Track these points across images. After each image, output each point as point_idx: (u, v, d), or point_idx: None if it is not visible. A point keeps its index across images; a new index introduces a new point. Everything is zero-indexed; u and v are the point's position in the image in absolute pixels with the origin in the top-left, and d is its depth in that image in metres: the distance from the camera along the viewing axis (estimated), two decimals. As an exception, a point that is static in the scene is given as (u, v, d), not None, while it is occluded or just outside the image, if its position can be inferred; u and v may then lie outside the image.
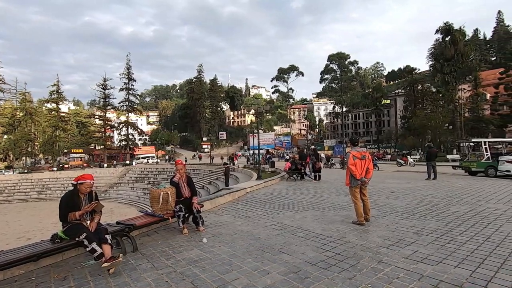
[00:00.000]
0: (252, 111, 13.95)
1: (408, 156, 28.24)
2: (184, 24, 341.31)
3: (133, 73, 58.54)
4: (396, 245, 3.97)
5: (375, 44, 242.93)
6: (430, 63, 42.94)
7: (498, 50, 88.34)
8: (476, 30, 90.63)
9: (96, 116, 62.23)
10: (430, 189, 9.27)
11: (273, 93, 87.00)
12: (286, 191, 9.44)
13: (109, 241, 3.44)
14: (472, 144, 17.02)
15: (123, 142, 59.19)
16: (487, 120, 43.86)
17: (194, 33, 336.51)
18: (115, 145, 65.99)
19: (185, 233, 4.69)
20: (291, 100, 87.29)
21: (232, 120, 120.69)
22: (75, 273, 3.37)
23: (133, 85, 58.57)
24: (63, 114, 59.84)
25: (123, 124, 58.71)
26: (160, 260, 3.70)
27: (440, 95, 44.54)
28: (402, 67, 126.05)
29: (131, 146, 60.37)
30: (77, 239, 3.33)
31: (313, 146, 15.92)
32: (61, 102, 58.70)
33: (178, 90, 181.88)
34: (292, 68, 79.16)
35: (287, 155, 44.24)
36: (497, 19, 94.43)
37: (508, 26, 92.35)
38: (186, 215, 4.87)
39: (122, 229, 3.96)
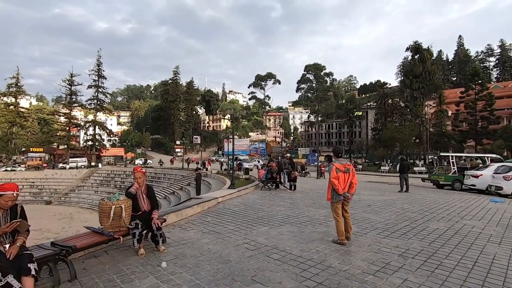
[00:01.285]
0: (228, 115, 13.38)
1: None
2: (162, 24, 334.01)
3: (103, 70, 55.52)
4: (382, 271, 3.53)
5: (348, 57, 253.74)
6: (399, 79, 45.40)
7: (459, 71, 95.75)
8: (440, 52, 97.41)
9: (60, 114, 58.00)
10: (405, 203, 9.18)
11: (249, 99, 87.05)
12: (261, 202, 8.89)
13: (33, 272, 2.64)
14: (439, 158, 17.71)
15: (89, 143, 55.57)
16: (449, 135, 46.65)
17: (172, 33, 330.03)
18: (80, 145, 61.81)
19: (142, 254, 3.94)
20: (267, 107, 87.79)
21: (207, 125, 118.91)
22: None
23: (103, 83, 55.47)
24: (22, 110, 55.04)
25: (90, 123, 55.16)
26: (103, 293, 2.96)
27: (408, 109, 46.85)
28: (373, 81, 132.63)
29: (98, 147, 56.83)
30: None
31: (288, 154, 15.62)
32: (20, 96, 54.04)
33: (153, 91, 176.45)
34: (270, 76, 79.79)
35: (258, 161, 43.33)
36: (458, 43, 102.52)
37: (467, 50, 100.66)
38: (144, 232, 4.13)
39: (57, 252, 3.15)
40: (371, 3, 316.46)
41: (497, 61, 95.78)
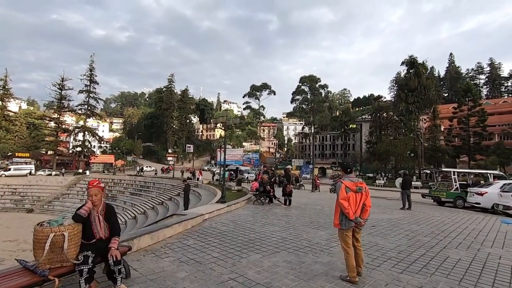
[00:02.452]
0: (220, 123, 12.54)
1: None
2: (159, 33, 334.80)
3: (96, 75, 54.46)
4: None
5: (342, 71, 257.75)
6: (392, 94, 45.45)
7: (450, 88, 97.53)
8: (432, 68, 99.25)
9: (49, 118, 56.34)
10: (412, 223, 8.32)
11: (244, 109, 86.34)
12: (253, 220, 7.92)
13: None
14: (438, 173, 17.04)
15: (78, 149, 53.89)
16: (443, 150, 46.55)
17: (169, 43, 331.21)
18: (70, 151, 59.91)
19: (93, 298, 2.96)
20: (261, 117, 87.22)
21: (201, 134, 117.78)
22: None
23: (95, 88, 54.29)
24: (8, 113, 53.29)
25: (79, 129, 53.59)
26: None
27: (403, 123, 46.81)
28: (366, 95, 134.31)
29: (87, 154, 55.11)
30: None
31: (289, 166, 14.71)
32: (7, 100, 52.39)
33: (147, 99, 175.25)
34: (265, 86, 79.56)
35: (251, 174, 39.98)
36: (449, 60, 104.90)
37: (458, 67, 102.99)
38: (98, 266, 3.16)
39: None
40: (365, 20, 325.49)
41: (487, 79, 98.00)
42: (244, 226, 6.97)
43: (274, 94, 79.55)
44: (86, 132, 53.92)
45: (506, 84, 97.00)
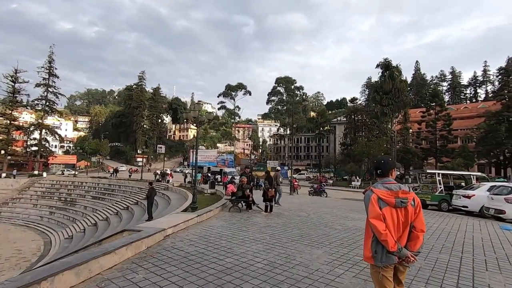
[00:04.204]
0: (191, 119, 10.88)
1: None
2: (132, 31, 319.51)
3: (56, 68, 49.65)
4: None
5: (315, 75, 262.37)
6: (364, 98, 45.78)
7: (416, 93, 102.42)
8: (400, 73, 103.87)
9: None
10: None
11: (219, 109, 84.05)
12: (229, 234, 6.36)
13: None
14: (419, 175, 16.62)
15: (33, 148, 48.71)
16: (413, 152, 47.99)
17: (143, 41, 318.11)
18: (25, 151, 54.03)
19: None
20: (237, 118, 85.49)
21: (174, 134, 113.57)
22: None
23: (54, 82, 49.45)
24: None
25: (34, 127, 48.48)
26: None
27: (376, 126, 47.66)
28: (339, 99, 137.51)
29: (44, 154, 50.00)
30: None
31: (278, 168, 13.27)
32: None
33: (116, 97, 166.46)
34: (240, 86, 78.03)
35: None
36: (415, 68, 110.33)
37: (424, 74, 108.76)
38: None
39: None
40: (337, 28, 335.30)
41: (449, 86, 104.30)
42: (218, 244, 5.39)
43: (250, 94, 78.36)
44: (44, 130, 48.92)
45: (465, 92, 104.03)
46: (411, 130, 57.03)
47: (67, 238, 23.82)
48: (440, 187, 13.59)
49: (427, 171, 14.69)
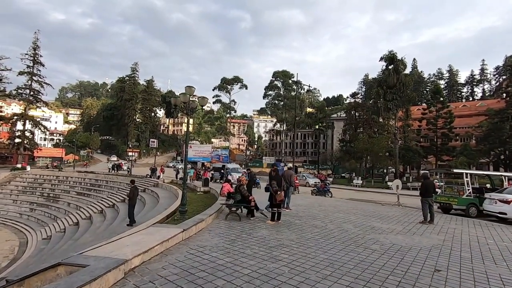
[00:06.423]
0: (180, 104, 9.28)
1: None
2: (126, 23, 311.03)
3: (41, 55, 46.70)
4: None
5: (310, 72, 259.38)
6: (361, 95, 43.65)
7: (414, 91, 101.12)
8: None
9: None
10: (455, 249, 5.38)
11: (214, 103, 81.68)
12: (227, 262, 4.34)
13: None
14: (444, 174, 14.82)
15: (17, 140, 45.97)
16: (415, 150, 46.56)
17: (137, 33, 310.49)
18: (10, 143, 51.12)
19: None
20: (232, 112, 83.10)
21: (167, 128, 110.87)
22: None
23: (39, 70, 46.52)
24: None
25: (17, 117, 45.67)
26: None
27: (376, 122, 46.09)
28: (335, 95, 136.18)
29: (28, 146, 47.29)
30: None
31: (289, 165, 11.28)
32: None
33: (109, 90, 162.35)
34: (236, 80, 75.61)
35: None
36: (412, 65, 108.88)
37: (421, 71, 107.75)
38: None
39: None
40: (333, 25, 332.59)
41: (446, 84, 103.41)
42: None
43: (246, 88, 76.02)
44: (27, 121, 46.18)
45: (462, 90, 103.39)
46: (411, 128, 55.70)
47: (45, 238, 21.75)
48: (469, 189, 11.82)
49: (454, 170, 12.93)
